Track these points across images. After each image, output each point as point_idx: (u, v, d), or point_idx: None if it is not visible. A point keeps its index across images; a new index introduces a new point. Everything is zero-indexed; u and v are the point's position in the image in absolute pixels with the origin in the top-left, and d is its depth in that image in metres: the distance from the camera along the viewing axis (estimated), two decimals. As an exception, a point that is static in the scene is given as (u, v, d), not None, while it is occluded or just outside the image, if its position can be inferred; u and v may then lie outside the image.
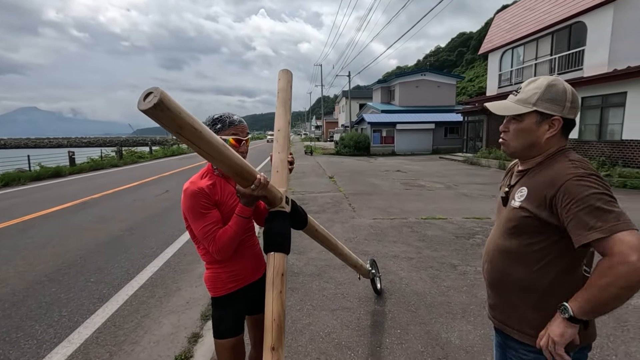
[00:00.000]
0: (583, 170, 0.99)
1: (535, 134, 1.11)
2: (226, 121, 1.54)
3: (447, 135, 24.98)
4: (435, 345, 2.51)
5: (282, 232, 1.45)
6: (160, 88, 0.93)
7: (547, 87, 1.08)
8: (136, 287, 3.59)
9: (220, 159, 1.17)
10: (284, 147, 1.68)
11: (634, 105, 9.85)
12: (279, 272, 1.39)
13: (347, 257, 2.46)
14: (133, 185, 10.42)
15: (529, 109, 1.10)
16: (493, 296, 1.25)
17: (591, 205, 0.92)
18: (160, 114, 0.93)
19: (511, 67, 16.34)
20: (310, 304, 3.14)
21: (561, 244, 1.04)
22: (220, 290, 1.57)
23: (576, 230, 0.93)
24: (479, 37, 63.63)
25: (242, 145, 1.56)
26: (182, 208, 1.47)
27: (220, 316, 1.58)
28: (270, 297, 1.35)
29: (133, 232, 5.52)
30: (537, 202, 1.04)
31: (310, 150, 25.01)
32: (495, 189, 8.99)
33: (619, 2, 10.73)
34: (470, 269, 3.87)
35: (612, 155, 10.46)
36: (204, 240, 1.43)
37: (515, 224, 1.12)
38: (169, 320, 2.98)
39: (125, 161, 18.38)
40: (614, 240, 0.88)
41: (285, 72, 1.83)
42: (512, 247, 1.14)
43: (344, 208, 7.04)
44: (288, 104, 1.76)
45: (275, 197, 1.46)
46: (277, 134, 1.71)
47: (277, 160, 1.67)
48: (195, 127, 1.03)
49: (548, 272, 1.07)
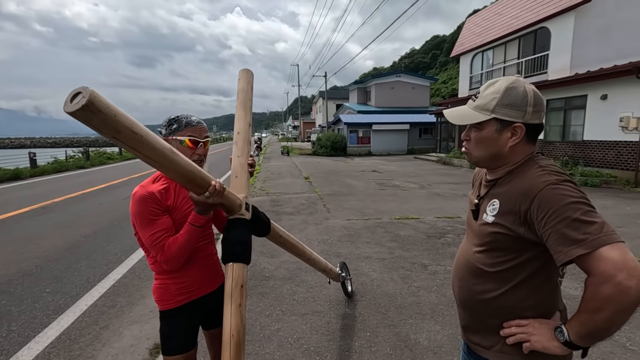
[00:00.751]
0: (556, 176, 0.90)
1: (497, 142, 1.01)
2: (183, 121, 1.46)
3: (422, 136, 25.48)
4: (404, 347, 2.51)
5: (241, 240, 1.37)
6: (90, 88, 0.84)
7: (506, 90, 0.98)
8: (96, 297, 3.40)
9: (167, 166, 1.07)
10: (244, 151, 1.61)
11: (594, 107, 10.37)
12: (238, 284, 1.30)
13: (316, 261, 2.42)
14: (99, 188, 9.97)
15: (487, 117, 1.00)
16: (465, 317, 1.15)
17: (569, 217, 0.82)
18: (91, 116, 0.84)
19: (481, 69, 16.86)
20: (280, 309, 3.08)
21: (538, 260, 0.95)
22: (169, 303, 1.47)
23: (557, 247, 0.84)
24: (452, 40, 65.37)
25: (199, 147, 1.47)
26: (130, 213, 1.38)
27: (169, 331, 1.48)
28: (228, 311, 1.27)
29: (97, 238, 5.26)
30: (512, 216, 0.95)
31: (287, 150, 24.86)
32: (467, 189, 9.24)
33: (579, 10, 11.29)
34: (440, 268, 3.92)
35: (575, 155, 10.97)
36: (151, 249, 1.34)
37: (487, 240, 1.03)
38: (130, 332, 2.83)
39: (92, 162, 17.56)
40: (596, 256, 0.78)
41: (245, 72, 1.75)
42: (483, 264, 1.05)
43: (318, 209, 7.01)
44: (248, 105, 1.68)
45: (233, 204, 1.38)
46: (236, 136, 1.64)
47: (237, 165, 1.59)
48: (134, 130, 0.94)
49: (522, 290, 0.99)
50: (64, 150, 18.08)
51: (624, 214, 6.33)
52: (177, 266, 1.38)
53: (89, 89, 0.83)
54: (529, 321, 0.97)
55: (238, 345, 1.23)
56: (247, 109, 1.67)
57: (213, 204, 1.29)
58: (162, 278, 1.47)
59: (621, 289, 0.75)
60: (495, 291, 1.02)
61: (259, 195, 8.64)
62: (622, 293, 0.75)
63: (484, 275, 1.05)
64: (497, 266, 1.01)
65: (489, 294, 1.04)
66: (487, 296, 1.04)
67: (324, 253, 4.41)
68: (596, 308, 0.80)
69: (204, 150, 1.50)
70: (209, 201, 1.25)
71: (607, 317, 0.79)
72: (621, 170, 9.57)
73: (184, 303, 1.49)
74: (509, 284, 1.00)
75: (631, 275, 0.75)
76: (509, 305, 1.01)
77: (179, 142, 1.42)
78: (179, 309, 1.48)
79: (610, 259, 0.77)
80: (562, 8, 11.58)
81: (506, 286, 1.00)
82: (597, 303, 0.80)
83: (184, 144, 1.42)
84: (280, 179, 11.69)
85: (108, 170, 15.37)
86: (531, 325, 0.96)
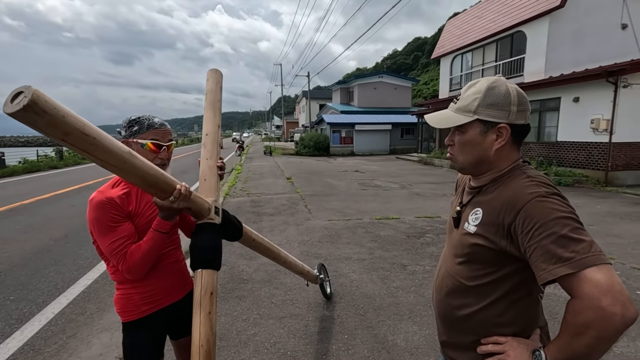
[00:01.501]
0: (545, 189, 0.85)
1: (481, 146, 0.96)
2: (144, 123, 1.38)
3: (404, 136, 25.79)
4: (381, 349, 2.50)
5: (210, 246, 1.31)
6: (33, 87, 0.77)
7: (487, 90, 0.93)
8: (64, 304, 3.25)
9: (126, 170, 1.00)
10: (213, 153, 1.55)
11: (567, 109, 10.73)
12: (207, 291, 1.25)
13: (292, 264, 2.38)
14: (73, 189, 9.60)
15: (470, 118, 0.95)
16: (443, 331, 1.11)
17: (556, 233, 0.77)
18: (35, 117, 0.77)
19: (461, 71, 17.19)
20: (258, 313, 3.02)
21: (518, 275, 0.90)
22: (132, 314, 1.39)
23: (540, 264, 0.78)
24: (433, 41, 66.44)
25: (162, 151, 1.40)
26: (87, 220, 1.29)
27: (132, 344, 1.40)
28: (197, 320, 1.21)
29: (67, 241, 5.04)
30: (494, 227, 0.90)
31: (269, 150, 24.69)
32: (447, 188, 9.40)
33: (553, 15, 11.65)
34: (419, 268, 3.95)
35: (549, 155, 11.33)
36: (112, 258, 1.27)
37: (467, 250, 0.98)
38: (99, 340, 2.71)
39: (66, 162, 16.95)
40: (581, 278, 0.73)
41: (214, 72, 1.69)
42: (462, 278, 1.00)
43: (299, 210, 6.96)
44: (217, 106, 1.62)
45: (201, 208, 1.32)
46: (205, 138, 1.57)
47: (205, 168, 1.52)
48: (85, 132, 0.87)
49: (501, 305, 0.95)
50: (35, 150, 17.33)
51: (595, 212, 6.57)
52: (141, 275, 1.31)
53: (32, 87, 0.77)
54: (507, 339, 0.92)
55: (208, 354, 1.18)
56: (217, 110, 1.62)
57: (179, 209, 1.22)
58: (124, 288, 1.39)
59: (604, 315, 0.70)
60: (474, 306, 0.98)
61: (240, 195, 8.51)
62: (604, 319, 0.70)
63: (463, 289, 1.01)
64: (476, 280, 0.97)
65: (467, 309, 1.00)
66: (466, 311, 1.00)
67: (304, 254, 4.38)
68: (576, 333, 0.75)
69: (167, 154, 1.43)
70: (174, 206, 1.19)
71: (587, 344, 0.74)
72: (592, 170, 9.94)
73: (149, 313, 1.41)
74: (488, 299, 0.96)
75: (616, 300, 0.70)
76: (487, 321, 0.97)
77: (140, 145, 1.35)
78: (144, 319, 1.41)
79: (595, 282, 0.72)
80: (536, 13, 11.92)
81: (485, 301, 0.96)
82: (578, 328, 0.74)
83: (145, 147, 1.35)
84: (261, 179, 11.57)
85: (83, 170, 14.84)
86: (509, 344, 0.91)
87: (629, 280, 3.58)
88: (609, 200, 7.68)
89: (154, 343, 1.44)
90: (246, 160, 19.29)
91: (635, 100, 9.29)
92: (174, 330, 1.55)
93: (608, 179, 9.50)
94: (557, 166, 10.73)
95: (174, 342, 1.60)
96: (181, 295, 1.53)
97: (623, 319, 0.70)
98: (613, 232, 5.29)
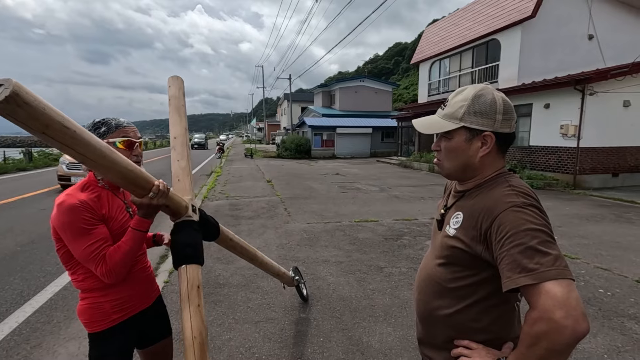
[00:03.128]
0: (523, 199, 0.86)
1: (466, 153, 0.98)
2: (112, 123, 1.37)
3: (384, 140, 26.14)
4: (355, 351, 2.52)
5: (191, 243, 1.32)
6: (13, 79, 0.76)
7: (474, 98, 0.95)
8: (29, 312, 3.11)
9: (106, 165, 1.00)
10: (183, 155, 1.55)
11: (538, 115, 11.18)
12: (194, 286, 1.25)
13: (269, 265, 2.37)
14: (43, 192, 9.23)
15: (456, 125, 0.97)
16: (421, 330, 1.13)
17: (524, 244, 0.79)
18: (16, 109, 0.77)
19: (439, 77, 17.62)
20: (233, 318, 2.99)
21: (494, 282, 0.90)
22: (101, 323, 1.34)
23: (506, 272, 0.81)
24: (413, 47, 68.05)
25: (135, 148, 1.40)
26: (54, 226, 1.24)
27: (102, 355, 1.35)
28: (187, 314, 1.20)
29: (35, 247, 4.84)
30: (472, 232, 0.93)
31: (250, 153, 24.47)
32: (424, 191, 9.58)
33: (525, 25, 12.14)
34: (395, 270, 4.01)
35: (522, 159, 11.75)
36: (89, 262, 1.22)
37: (446, 253, 1.00)
38: (66, 349, 2.61)
39: (36, 164, 16.22)
40: (540, 290, 0.75)
41: (175, 79, 1.72)
42: (441, 279, 1.03)
43: (279, 213, 6.93)
44: (182, 111, 1.65)
45: (179, 205, 1.33)
46: (174, 141, 1.58)
47: (177, 169, 1.53)
48: (66, 125, 0.87)
49: (477, 310, 0.97)
50: (2, 151, 16.54)
51: (563, 214, 6.86)
52: (121, 277, 1.28)
53: (12, 80, 0.77)
54: (478, 346, 0.95)
55: (202, 345, 1.18)
56: (182, 114, 1.64)
57: (158, 206, 1.23)
58: (93, 296, 1.33)
59: (556, 327, 0.72)
60: (451, 308, 1.00)
61: (219, 199, 8.40)
62: (555, 331, 0.72)
63: (441, 290, 1.03)
64: (454, 282, 0.99)
65: (444, 310, 1.02)
66: (443, 312, 1.02)
67: (282, 258, 4.37)
68: (530, 344, 0.77)
69: (139, 151, 1.44)
70: (154, 202, 1.19)
71: (540, 355, 0.75)
72: (562, 173, 10.38)
73: (119, 322, 1.38)
74: (464, 302, 0.98)
75: (569, 314, 0.71)
76: (462, 324, 0.99)
77: (112, 144, 1.34)
78: (113, 328, 1.36)
79: (552, 295, 0.73)
80: (510, 22, 12.39)
81: (461, 304, 0.98)
82: (532, 338, 0.76)
83: (118, 145, 1.35)
84: (241, 182, 11.46)
85: (54, 172, 14.24)
86: (477, 351, 0.94)
87: (593, 279, 3.76)
88: (577, 203, 8.04)
89: (124, 353, 1.40)
90: (226, 163, 19.05)
91: (600, 108, 9.78)
92: (142, 339, 1.52)
93: (576, 182, 9.94)
94: (529, 170, 11.14)
95: (141, 352, 1.56)
96: (150, 302, 1.51)
97: (574, 333, 0.71)
98: (579, 233, 5.54)
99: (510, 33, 12.66)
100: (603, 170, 10.22)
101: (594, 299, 3.33)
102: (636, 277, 3.82)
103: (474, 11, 14.71)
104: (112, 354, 1.37)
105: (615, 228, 5.84)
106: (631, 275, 3.86)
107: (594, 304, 3.23)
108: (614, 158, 10.31)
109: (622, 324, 2.89)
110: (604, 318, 2.98)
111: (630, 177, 10.59)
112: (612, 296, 3.38)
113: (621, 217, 6.66)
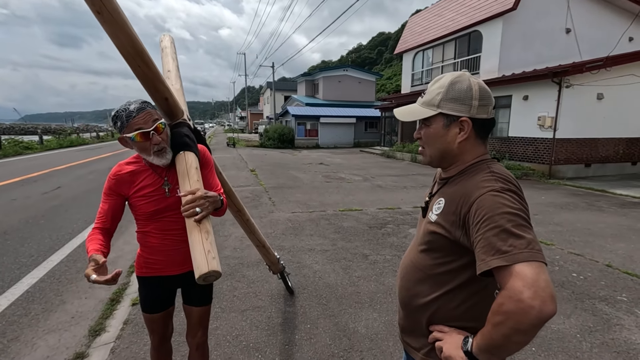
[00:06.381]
0: (502, 184, 0.88)
1: (445, 139, 1.00)
2: (122, 115, 1.33)
3: (367, 130, 26.25)
4: (342, 337, 2.56)
5: (188, 134, 1.54)
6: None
7: (450, 85, 0.97)
8: (4, 305, 3.00)
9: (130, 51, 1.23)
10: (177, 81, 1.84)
11: (517, 107, 11.45)
12: (192, 166, 1.44)
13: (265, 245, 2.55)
14: (13, 182, 8.80)
15: (433, 112, 0.99)
16: (403, 316, 1.15)
17: (500, 227, 0.80)
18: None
19: (422, 67, 17.73)
20: (220, 306, 2.97)
21: (473, 268, 0.90)
22: (137, 270, 1.64)
23: (480, 255, 0.82)
24: (397, 37, 67.95)
25: (153, 137, 1.35)
26: None
27: (139, 293, 1.69)
28: (187, 183, 1.39)
29: (7, 238, 4.64)
30: (452, 218, 0.94)
31: (233, 142, 24.10)
32: (407, 181, 9.72)
33: (506, 17, 12.32)
34: (380, 257, 4.08)
35: (501, 149, 12.06)
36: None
37: (428, 239, 1.02)
38: (45, 342, 2.53)
39: (6, 152, 15.45)
40: (510, 271, 0.76)
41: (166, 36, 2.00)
42: (423, 265, 1.04)
43: (263, 202, 6.90)
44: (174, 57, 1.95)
45: (176, 106, 1.55)
46: (167, 74, 1.84)
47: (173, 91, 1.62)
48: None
49: (456, 297, 0.98)
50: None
51: (539, 202, 7.12)
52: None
53: None
54: (450, 329, 0.98)
55: (197, 171, 1.44)
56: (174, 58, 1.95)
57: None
58: (140, 248, 1.61)
59: (522, 307, 0.73)
60: (431, 294, 1.02)
61: (201, 188, 8.26)
62: (521, 311, 0.73)
63: (422, 277, 1.04)
64: (435, 268, 1.01)
65: (424, 297, 1.03)
66: (423, 299, 1.04)
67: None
68: (497, 322, 0.78)
69: (158, 138, 1.37)
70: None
71: (505, 333, 0.77)
72: (538, 163, 10.73)
73: (146, 276, 1.61)
74: (444, 288, 0.99)
75: (537, 295, 0.72)
76: (441, 311, 1.01)
77: (130, 139, 1.34)
78: (143, 278, 1.63)
79: (522, 276, 0.74)
80: (491, 14, 12.54)
81: (441, 290, 1.00)
82: (498, 317, 0.78)
83: (135, 141, 1.34)
84: (224, 171, 11.21)
85: (25, 161, 13.62)
86: (449, 334, 0.96)
87: (566, 264, 3.94)
88: (552, 192, 8.35)
89: (153, 299, 1.65)
90: (208, 152, 18.69)
91: (576, 100, 10.10)
92: (184, 298, 1.71)
93: (552, 172, 10.31)
94: (508, 160, 11.46)
95: (184, 307, 1.72)
96: (178, 272, 1.61)
97: (540, 313, 0.72)
98: (554, 220, 5.77)
99: (492, 25, 12.83)
100: (576, 161, 10.63)
101: (568, 282, 3.49)
102: (606, 261, 4.02)
103: (457, 2, 14.79)
104: (145, 296, 1.66)
105: (588, 216, 6.11)
106: (602, 260, 4.06)
107: (568, 287, 3.39)
108: (587, 149, 10.72)
109: (594, 305, 3.05)
110: (577, 300, 3.14)
111: (601, 168, 11.06)
112: (584, 280, 3.55)
113: (592, 205, 6.97)
